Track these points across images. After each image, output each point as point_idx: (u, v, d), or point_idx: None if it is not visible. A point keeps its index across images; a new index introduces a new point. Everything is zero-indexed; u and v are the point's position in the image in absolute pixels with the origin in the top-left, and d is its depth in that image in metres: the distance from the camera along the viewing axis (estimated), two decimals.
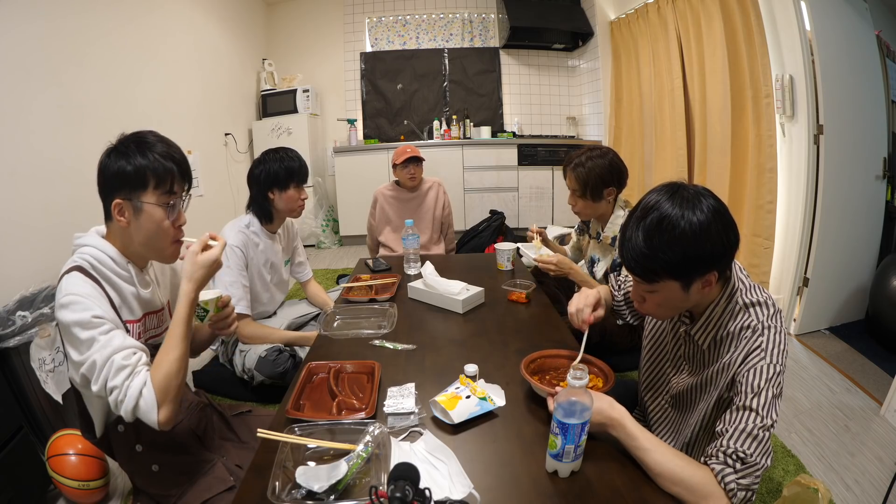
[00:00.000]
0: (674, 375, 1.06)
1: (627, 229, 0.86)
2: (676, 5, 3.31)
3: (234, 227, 1.79)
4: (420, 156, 2.59)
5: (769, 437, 0.80)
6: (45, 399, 1.61)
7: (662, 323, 1.10)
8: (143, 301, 1.06)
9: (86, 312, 0.89)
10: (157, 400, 0.90)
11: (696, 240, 0.80)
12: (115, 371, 0.88)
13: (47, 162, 2.02)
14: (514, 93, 4.99)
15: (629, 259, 0.86)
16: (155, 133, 1.03)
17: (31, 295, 1.67)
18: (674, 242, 0.81)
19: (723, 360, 0.90)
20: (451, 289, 1.59)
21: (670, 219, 0.81)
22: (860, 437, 1.72)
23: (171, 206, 1.02)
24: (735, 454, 0.78)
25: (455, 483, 0.79)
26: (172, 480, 1.06)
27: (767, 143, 2.61)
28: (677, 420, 1.06)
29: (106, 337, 0.89)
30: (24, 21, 1.95)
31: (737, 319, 0.88)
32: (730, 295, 0.90)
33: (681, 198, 0.83)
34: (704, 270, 0.83)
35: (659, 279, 0.85)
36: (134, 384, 0.89)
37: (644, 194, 0.88)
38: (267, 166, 1.78)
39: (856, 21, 2.48)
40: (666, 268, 0.83)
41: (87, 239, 1.01)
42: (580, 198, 1.74)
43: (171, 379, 0.93)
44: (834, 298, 2.61)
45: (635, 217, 0.86)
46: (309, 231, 4.49)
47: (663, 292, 0.87)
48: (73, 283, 0.92)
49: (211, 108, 3.69)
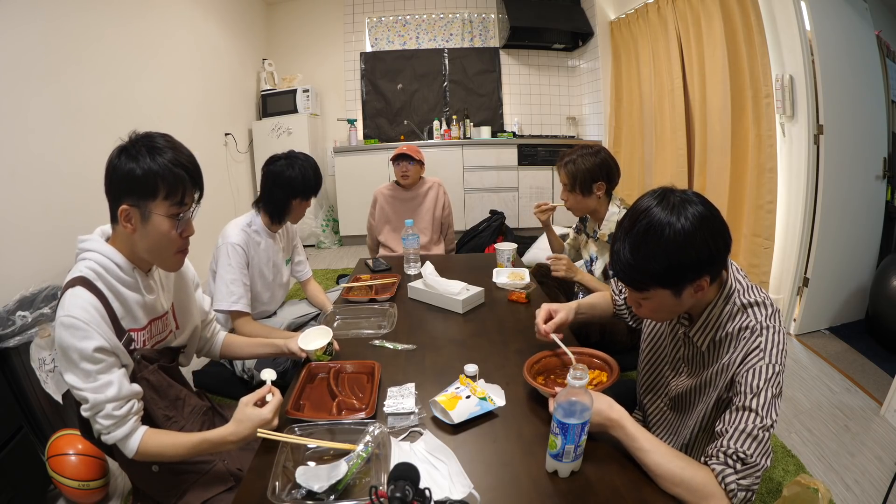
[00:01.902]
0: (672, 378, 1.06)
1: (616, 241, 0.87)
2: (676, 5, 3.31)
3: (236, 226, 1.78)
4: (413, 154, 2.60)
5: (769, 437, 0.80)
6: (45, 399, 1.61)
7: (661, 326, 1.11)
8: (148, 307, 1.05)
9: (87, 343, 0.88)
10: (137, 451, 0.94)
11: (680, 248, 0.80)
12: (104, 416, 0.91)
13: (47, 162, 2.02)
14: (514, 93, 4.99)
15: (618, 270, 0.87)
16: (166, 136, 0.98)
17: (31, 295, 1.67)
18: (658, 252, 0.81)
19: (722, 360, 0.90)
20: (451, 289, 1.59)
21: (654, 228, 0.81)
22: (860, 437, 1.72)
23: (181, 218, 0.98)
24: (735, 454, 0.78)
25: (455, 483, 0.79)
26: (172, 481, 1.06)
27: (767, 143, 2.61)
28: (676, 422, 1.06)
29: (104, 378, 0.90)
30: (23, 21, 1.94)
31: (735, 320, 0.88)
32: (727, 296, 0.90)
33: (668, 204, 0.82)
34: (693, 277, 0.83)
35: (648, 288, 0.86)
36: (118, 433, 0.92)
37: (636, 199, 0.89)
38: (301, 171, 1.75)
39: (856, 21, 2.48)
40: (653, 278, 0.84)
41: (92, 244, 0.98)
42: (570, 192, 1.79)
43: (159, 457, 0.96)
44: (834, 298, 2.61)
45: (623, 228, 0.87)
46: (309, 231, 4.49)
47: (655, 299, 0.88)
48: (77, 304, 0.89)
49: (211, 108, 3.69)
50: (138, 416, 0.96)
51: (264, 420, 0.93)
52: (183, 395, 1.13)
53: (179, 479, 1.06)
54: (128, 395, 0.93)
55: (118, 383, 0.92)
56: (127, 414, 0.93)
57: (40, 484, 1.46)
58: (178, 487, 1.05)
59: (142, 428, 0.95)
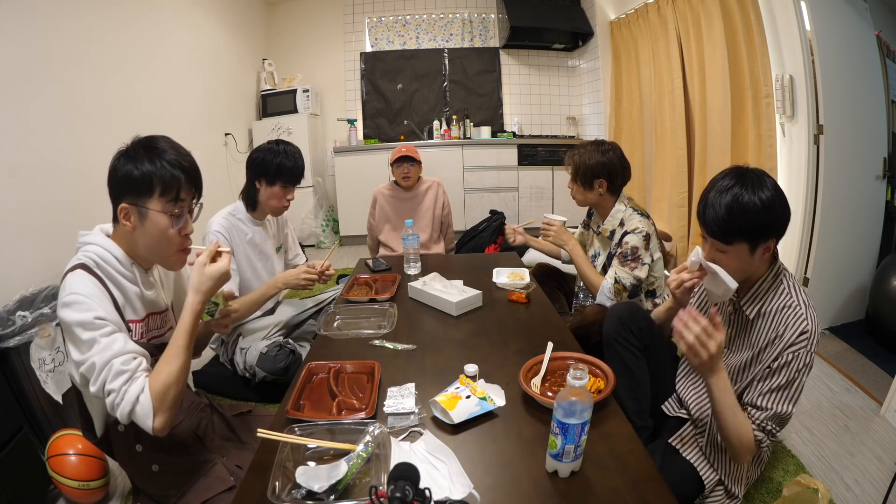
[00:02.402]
0: None
1: (708, 202, 1.04)
2: (676, 5, 3.31)
3: (219, 215, 1.80)
4: (414, 156, 2.60)
5: (787, 419, 1.02)
6: (45, 399, 1.61)
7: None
8: (147, 301, 1.05)
9: (88, 313, 0.89)
10: (153, 407, 0.90)
11: (765, 211, 0.98)
12: (113, 375, 0.88)
13: (47, 162, 2.02)
14: (514, 93, 4.99)
15: (711, 224, 1.03)
16: (167, 139, 1.02)
17: (31, 295, 1.67)
18: (749, 212, 0.99)
19: (769, 335, 1.04)
20: (446, 290, 1.59)
21: (744, 194, 0.99)
22: (860, 437, 1.72)
23: (177, 215, 1.00)
24: (770, 432, 1.02)
25: (455, 483, 0.79)
26: (172, 480, 1.06)
27: (767, 143, 2.61)
28: None
29: (107, 339, 0.89)
30: (24, 21, 1.94)
31: (780, 297, 1.04)
32: (776, 273, 1.07)
33: (750, 179, 1.01)
34: (768, 236, 1.01)
35: (733, 241, 1.02)
36: (132, 390, 0.89)
37: (714, 177, 1.07)
38: (262, 155, 1.76)
39: (856, 21, 2.48)
40: (741, 232, 1.00)
41: (93, 237, 1.00)
42: (574, 182, 1.83)
43: (170, 388, 0.92)
44: (834, 298, 2.61)
45: (715, 190, 1.03)
46: (309, 231, 4.49)
47: (733, 253, 1.03)
48: (78, 281, 0.91)
49: (211, 107, 3.69)
50: (147, 373, 0.94)
51: (222, 271, 0.99)
52: None
53: (179, 479, 1.06)
54: (134, 350, 0.93)
55: (123, 340, 0.92)
56: (136, 369, 0.91)
57: (40, 484, 1.46)
58: (178, 487, 1.06)
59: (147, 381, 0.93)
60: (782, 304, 1.03)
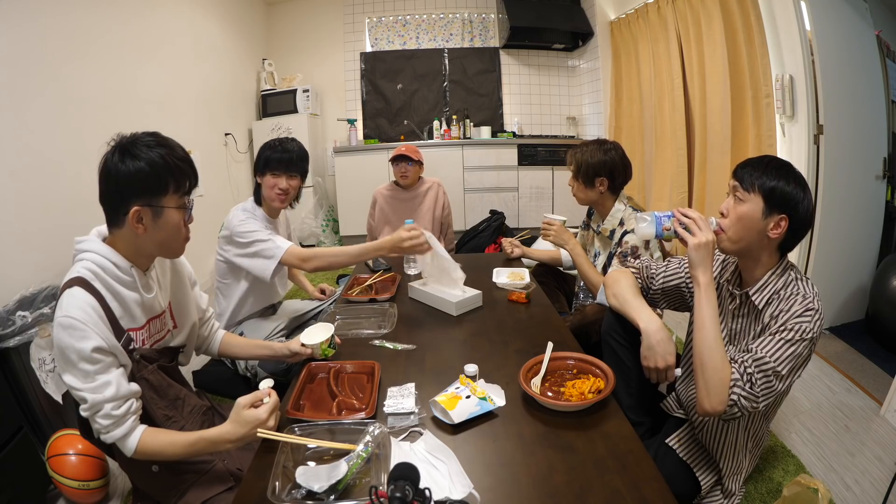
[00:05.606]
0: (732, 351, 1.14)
1: (750, 161, 1.09)
2: (676, 5, 3.31)
3: (237, 208, 1.82)
4: (412, 155, 2.60)
5: (774, 383, 0.95)
6: (45, 399, 1.61)
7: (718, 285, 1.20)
8: (146, 306, 1.05)
9: (85, 343, 0.88)
10: (135, 451, 0.94)
11: (798, 184, 1.03)
12: (102, 416, 0.91)
13: (47, 162, 2.02)
14: (514, 93, 4.98)
15: (746, 166, 1.07)
16: (154, 134, 1.00)
17: (31, 295, 1.67)
18: (785, 173, 1.03)
19: (774, 313, 1.04)
20: (447, 290, 1.59)
21: (792, 167, 1.06)
22: (860, 437, 1.72)
23: (189, 207, 1.03)
24: (750, 377, 0.95)
25: (455, 483, 0.79)
26: (172, 481, 1.06)
27: (767, 143, 2.61)
28: None
29: (103, 379, 0.90)
30: (24, 19, 1.94)
31: (788, 286, 1.05)
32: (784, 268, 1.08)
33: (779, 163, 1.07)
34: (783, 210, 1.02)
35: (753, 191, 1.04)
36: (117, 433, 0.92)
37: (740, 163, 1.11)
38: (261, 151, 1.82)
39: (856, 21, 2.48)
40: (768, 185, 1.02)
41: (89, 244, 0.98)
42: (575, 179, 1.83)
43: (156, 455, 0.96)
44: (834, 298, 2.61)
45: (764, 160, 1.08)
46: (309, 231, 4.48)
47: (747, 207, 1.04)
48: (74, 304, 0.90)
49: (211, 107, 3.69)
50: (137, 415, 0.96)
51: (260, 420, 0.93)
52: (182, 394, 1.13)
53: (179, 479, 1.06)
54: (126, 394, 0.94)
55: (116, 383, 0.92)
56: (125, 413, 0.93)
57: (40, 484, 1.46)
58: (178, 487, 1.05)
59: (140, 427, 0.96)
60: (790, 292, 1.04)
